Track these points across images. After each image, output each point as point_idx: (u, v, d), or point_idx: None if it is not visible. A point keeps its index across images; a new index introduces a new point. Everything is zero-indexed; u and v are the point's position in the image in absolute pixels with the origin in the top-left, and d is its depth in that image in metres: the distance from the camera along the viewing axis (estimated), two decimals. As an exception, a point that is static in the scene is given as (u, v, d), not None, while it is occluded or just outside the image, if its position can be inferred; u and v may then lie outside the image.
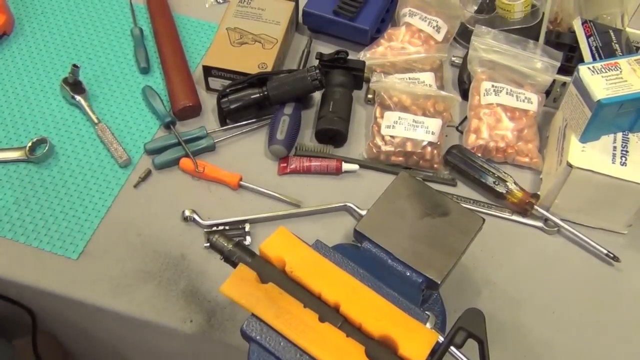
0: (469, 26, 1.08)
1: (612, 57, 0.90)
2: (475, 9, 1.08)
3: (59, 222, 0.88)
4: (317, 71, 0.95)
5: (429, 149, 0.93)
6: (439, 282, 0.68)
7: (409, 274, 0.69)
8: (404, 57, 1.03)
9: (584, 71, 0.83)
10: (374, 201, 0.75)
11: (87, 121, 0.99)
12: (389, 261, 0.70)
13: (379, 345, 0.57)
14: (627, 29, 1.00)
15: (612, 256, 0.86)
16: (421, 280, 0.69)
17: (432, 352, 0.57)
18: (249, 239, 0.87)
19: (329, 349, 0.56)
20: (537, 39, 1.00)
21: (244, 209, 0.90)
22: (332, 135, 0.96)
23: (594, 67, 0.83)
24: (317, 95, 1.02)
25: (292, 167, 0.94)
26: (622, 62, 0.84)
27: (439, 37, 1.07)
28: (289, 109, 0.96)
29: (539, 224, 0.91)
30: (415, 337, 0.57)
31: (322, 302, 0.60)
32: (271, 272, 0.61)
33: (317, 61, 1.01)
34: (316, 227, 0.89)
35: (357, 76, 1.01)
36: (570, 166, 0.83)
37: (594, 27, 0.97)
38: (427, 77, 1.02)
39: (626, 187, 0.82)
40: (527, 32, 1.02)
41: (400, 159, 0.95)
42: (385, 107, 0.97)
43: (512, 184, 0.91)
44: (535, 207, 0.89)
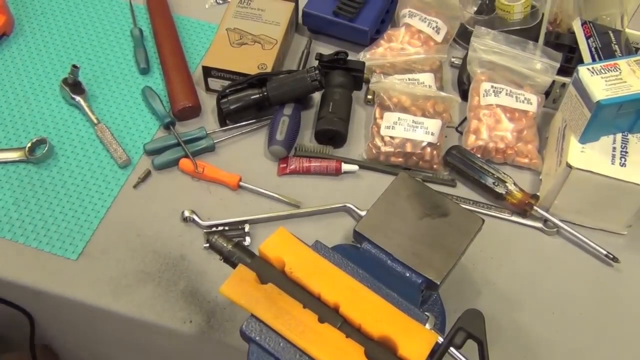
0: (468, 27, 1.08)
1: (611, 58, 0.91)
2: (474, 9, 1.08)
3: (58, 223, 0.88)
4: (317, 72, 0.95)
5: (428, 149, 0.93)
6: (439, 283, 0.68)
7: (408, 275, 0.69)
8: (403, 58, 1.04)
9: (583, 72, 0.83)
10: (374, 202, 0.75)
11: (87, 122, 0.99)
12: (389, 262, 0.70)
13: (379, 346, 0.57)
14: (627, 30, 1.00)
15: (611, 257, 0.86)
16: (421, 280, 0.69)
17: (432, 353, 0.57)
18: (248, 239, 0.87)
19: (329, 350, 0.56)
20: (536, 40, 1.00)
21: (244, 209, 0.90)
22: (332, 135, 0.96)
23: (593, 68, 0.83)
24: (316, 95, 1.02)
25: (291, 167, 0.94)
26: (622, 63, 0.84)
27: (439, 38, 1.07)
28: (288, 110, 0.96)
29: (539, 225, 0.91)
30: (414, 338, 0.57)
31: (322, 303, 0.60)
32: (271, 273, 0.61)
33: (317, 62, 1.01)
34: (316, 227, 0.89)
35: (357, 77, 1.01)
36: (569, 167, 0.83)
37: (593, 28, 0.97)
38: (427, 78, 1.02)
39: (626, 188, 0.82)
40: (526, 33, 1.02)
41: (399, 159, 0.95)
42: (384, 108, 0.97)
43: (512, 185, 0.91)
44: (534, 207, 0.89)
